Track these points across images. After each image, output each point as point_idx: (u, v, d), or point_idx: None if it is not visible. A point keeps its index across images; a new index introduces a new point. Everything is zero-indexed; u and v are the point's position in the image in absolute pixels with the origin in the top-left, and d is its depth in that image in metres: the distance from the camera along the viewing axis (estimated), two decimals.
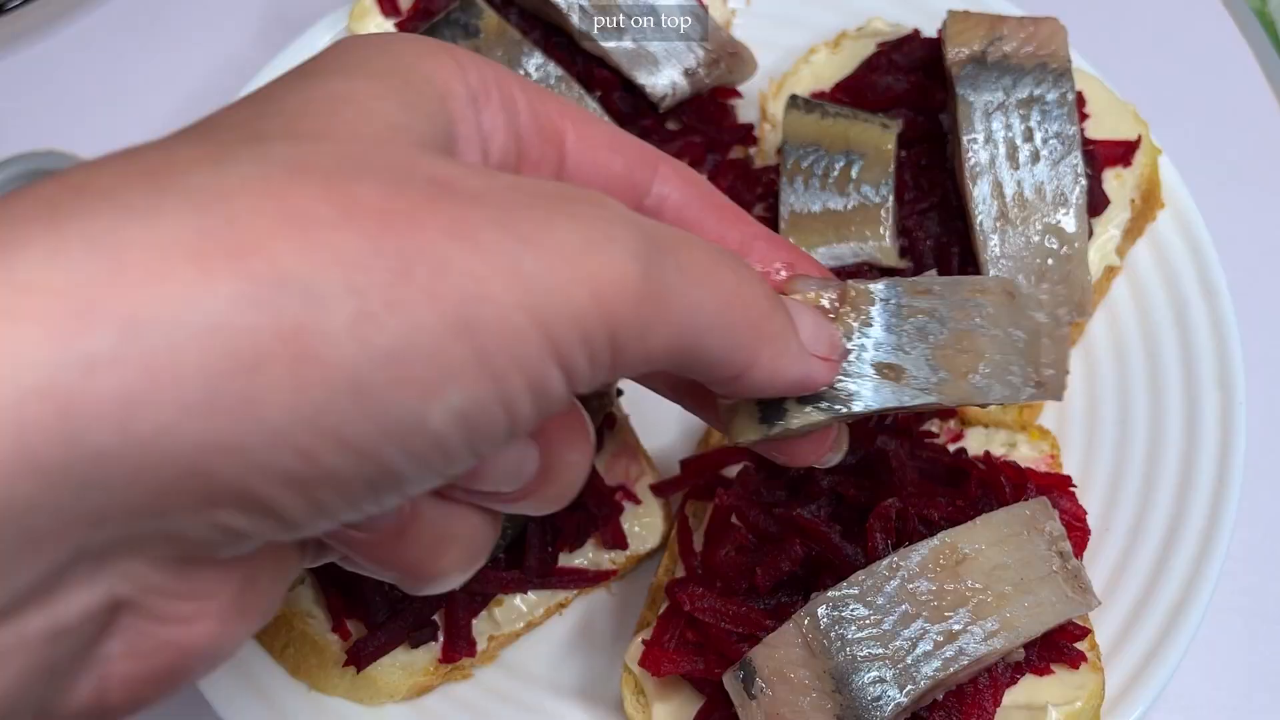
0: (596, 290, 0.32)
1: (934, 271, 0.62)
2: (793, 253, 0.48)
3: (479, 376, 0.30)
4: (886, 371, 0.48)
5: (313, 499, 0.30)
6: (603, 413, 0.73)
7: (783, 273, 0.47)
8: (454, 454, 0.32)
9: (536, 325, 0.31)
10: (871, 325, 0.48)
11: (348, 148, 0.32)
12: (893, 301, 0.48)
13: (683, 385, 0.49)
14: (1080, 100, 0.78)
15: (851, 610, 0.57)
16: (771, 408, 0.47)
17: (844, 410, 0.47)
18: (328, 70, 0.36)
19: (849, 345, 0.47)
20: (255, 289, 0.28)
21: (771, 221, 0.78)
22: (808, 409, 0.47)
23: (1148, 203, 0.78)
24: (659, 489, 0.74)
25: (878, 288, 0.48)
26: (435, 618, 0.70)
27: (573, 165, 0.43)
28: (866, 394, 0.47)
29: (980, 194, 0.73)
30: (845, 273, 0.76)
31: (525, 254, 0.31)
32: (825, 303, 0.48)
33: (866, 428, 0.67)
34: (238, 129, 0.33)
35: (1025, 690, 0.62)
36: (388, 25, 0.88)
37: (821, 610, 0.57)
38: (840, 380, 0.47)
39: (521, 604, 0.72)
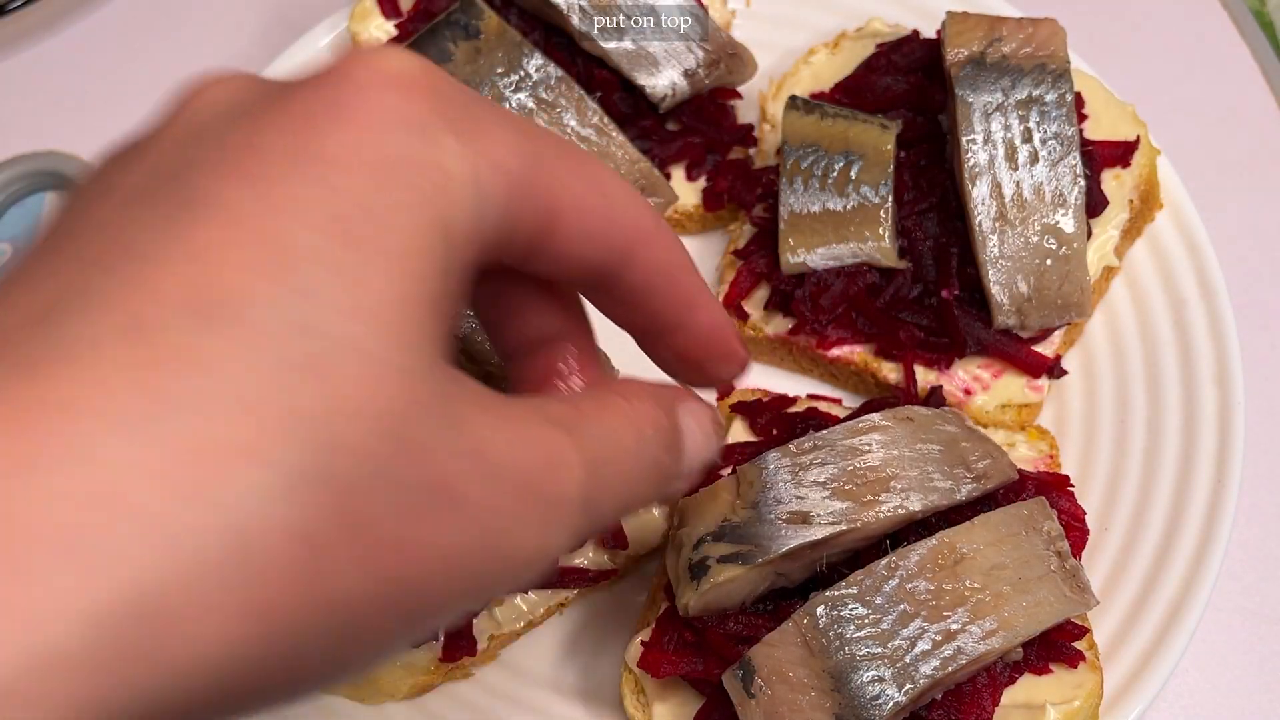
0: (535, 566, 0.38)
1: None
2: (732, 334, 0.49)
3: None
4: (795, 518, 0.58)
5: None
6: None
7: None
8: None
9: (467, 600, 0.37)
10: (767, 489, 0.59)
11: (373, 459, 0.32)
12: (781, 464, 0.59)
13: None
14: (1079, 101, 0.78)
15: (850, 609, 0.58)
16: (699, 569, 0.58)
17: (760, 560, 0.57)
18: (365, 212, 0.33)
19: (758, 508, 0.59)
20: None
21: (771, 221, 0.79)
22: (729, 566, 0.58)
23: (1146, 203, 0.78)
24: None
25: (765, 458, 0.59)
26: None
27: (550, 260, 0.42)
28: (778, 541, 0.58)
29: (979, 194, 0.73)
30: (844, 273, 0.76)
31: (488, 570, 0.36)
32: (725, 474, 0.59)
33: None
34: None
35: (1024, 689, 0.62)
36: (388, 26, 0.88)
37: (820, 609, 0.58)
38: (756, 537, 0.58)
39: (522, 603, 0.72)
